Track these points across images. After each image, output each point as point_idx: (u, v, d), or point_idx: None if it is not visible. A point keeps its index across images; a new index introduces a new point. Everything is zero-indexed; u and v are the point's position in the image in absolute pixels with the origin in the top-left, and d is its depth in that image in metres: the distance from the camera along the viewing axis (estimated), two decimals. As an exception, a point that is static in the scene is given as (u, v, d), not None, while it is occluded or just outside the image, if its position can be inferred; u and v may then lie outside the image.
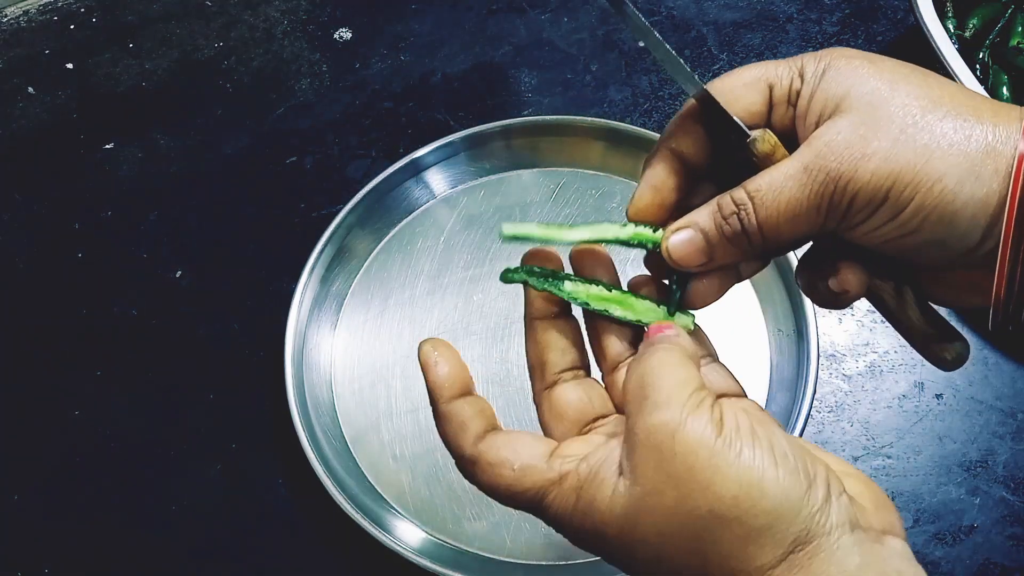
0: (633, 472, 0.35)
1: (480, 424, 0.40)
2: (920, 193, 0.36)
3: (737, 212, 0.39)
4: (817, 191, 0.37)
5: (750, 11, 0.84)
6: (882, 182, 0.36)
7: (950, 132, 0.36)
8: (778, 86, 0.40)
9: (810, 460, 0.35)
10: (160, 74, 0.83)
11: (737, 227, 0.39)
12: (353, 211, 0.70)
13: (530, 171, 0.74)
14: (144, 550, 0.64)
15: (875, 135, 0.36)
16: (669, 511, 0.34)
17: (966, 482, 0.62)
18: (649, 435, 0.35)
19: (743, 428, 0.35)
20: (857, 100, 0.37)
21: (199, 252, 0.74)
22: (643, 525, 0.35)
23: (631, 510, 0.35)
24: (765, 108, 0.40)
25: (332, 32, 0.85)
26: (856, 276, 0.40)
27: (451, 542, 0.61)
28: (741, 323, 0.67)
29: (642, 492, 0.35)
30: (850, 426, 0.64)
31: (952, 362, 0.43)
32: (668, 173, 0.41)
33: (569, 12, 0.84)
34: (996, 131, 0.36)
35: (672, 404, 0.35)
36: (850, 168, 0.36)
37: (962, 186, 0.35)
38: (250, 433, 0.67)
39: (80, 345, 0.71)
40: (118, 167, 0.79)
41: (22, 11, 0.88)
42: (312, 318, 0.68)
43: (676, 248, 0.41)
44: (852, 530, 0.34)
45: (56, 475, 0.66)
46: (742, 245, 0.40)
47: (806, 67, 0.39)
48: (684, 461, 0.34)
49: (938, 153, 0.35)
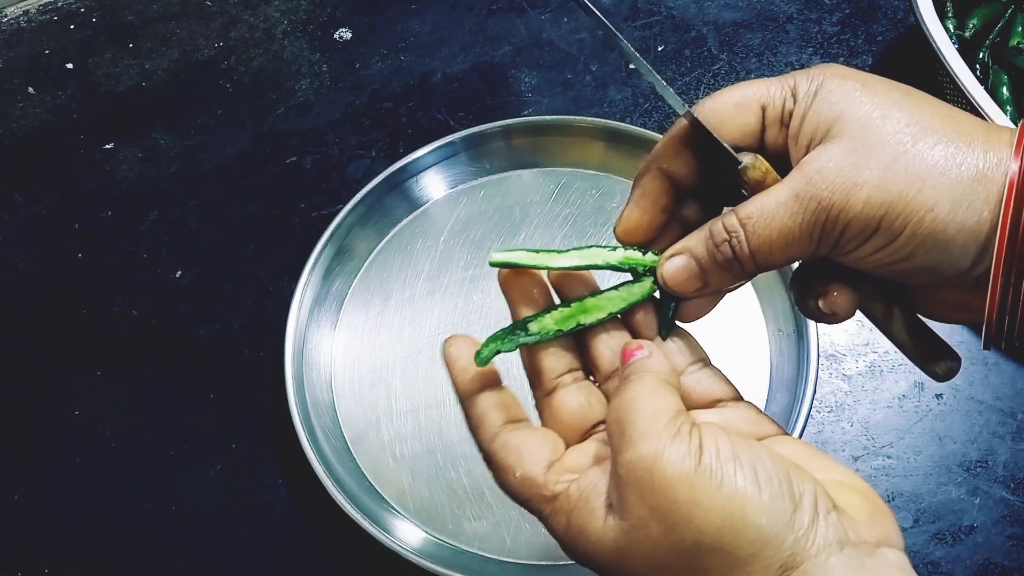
0: (620, 506, 0.36)
1: (498, 418, 0.41)
2: (912, 222, 0.36)
3: (729, 239, 0.39)
4: (809, 220, 0.37)
5: (750, 11, 0.84)
6: (874, 211, 0.36)
7: (941, 160, 0.36)
8: (771, 107, 0.40)
9: (796, 479, 0.35)
10: (160, 74, 0.83)
11: (729, 254, 0.39)
12: (353, 211, 0.70)
13: (530, 171, 0.74)
14: (144, 550, 0.64)
15: (867, 163, 0.36)
16: (656, 544, 0.35)
17: (966, 482, 0.62)
18: (629, 471, 0.35)
19: (723, 454, 0.35)
20: (849, 125, 0.37)
21: (199, 252, 0.74)
22: (633, 557, 0.35)
23: (620, 543, 0.36)
24: (758, 128, 0.40)
25: (332, 32, 0.85)
26: (845, 299, 0.41)
27: (451, 542, 0.61)
28: (741, 323, 0.67)
29: (630, 526, 0.35)
30: (850, 426, 0.64)
31: (942, 376, 0.43)
32: (657, 193, 0.42)
33: (569, 12, 0.84)
34: (987, 156, 0.36)
35: (648, 438, 0.35)
36: (842, 197, 0.36)
37: (954, 214, 0.35)
38: (250, 433, 0.67)
39: (80, 345, 0.71)
40: (118, 167, 0.79)
41: (22, 11, 0.88)
42: (312, 318, 0.68)
43: (671, 276, 0.41)
44: (841, 548, 0.34)
45: (56, 475, 0.66)
46: (735, 271, 0.40)
47: (799, 87, 0.39)
48: (664, 495, 0.34)
49: (930, 181, 0.36)
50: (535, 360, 0.42)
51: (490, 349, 0.41)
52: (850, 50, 0.81)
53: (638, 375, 0.38)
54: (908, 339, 0.43)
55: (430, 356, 0.67)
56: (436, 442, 0.64)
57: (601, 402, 0.42)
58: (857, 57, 0.80)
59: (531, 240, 0.71)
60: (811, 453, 0.39)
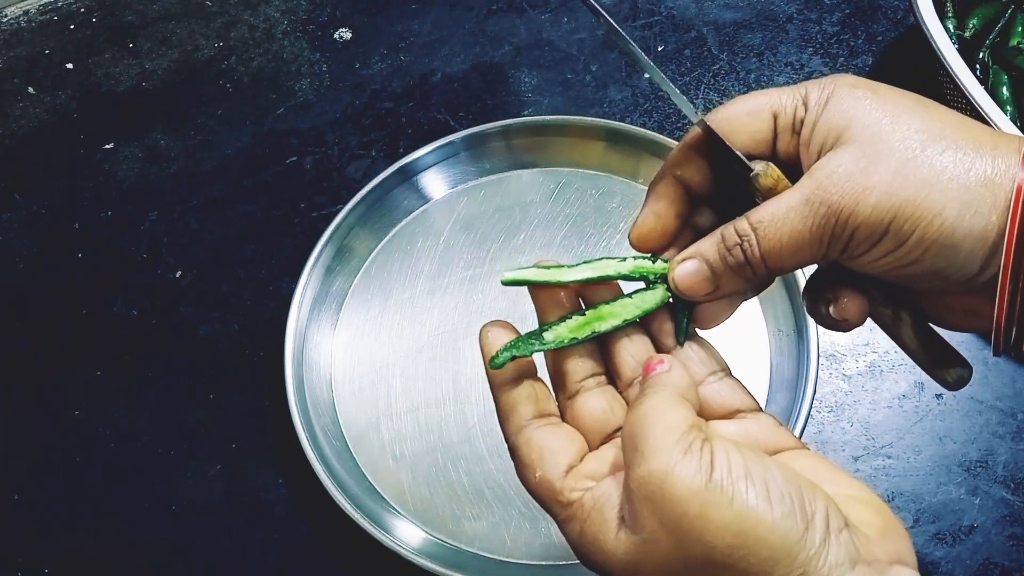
0: (632, 520, 0.36)
1: (528, 411, 0.41)
2: (920, 227, 0.36)
3: (740, 243, 0.40)
4: (819, 224, 0.38)
5: (750, 11, 0.84)
6: (883, 216, 0.37)
7: (950, 166, 0.36)
8: (782, 115, 0.40)
9: (808, 496, 0.35)
10: (160, 74, 0.83)
11: (740, 258, 0.40)
12: (353, 211, 0.70)
13: (530, 171, 0.74)
14: (144, 550, 0.64)
15: (876, 168, 0.37)
16: (668, 558, 0.35)
17: (966, 482, 0.62)
18: (640, 486, 0.35)
19: (735, 470, 0.35)
20: (859, 132, 0.38)
21: (199, 252, 0.74)
22: (644, 571, 0.36)
23: (632, 556, 0.36)
24: (770, 136, 0.41)
25: (332, 32, 0.85)
26: (855, 305, 0.41)
27: (451, 542, 0.61)
28: (741, 323, 0.67)
29: (641, 540, 0.35)
30: (850, 426, 0.64)
31: (953, 384, 0.44)
32: (672, 200, 0.42)
33: (569, 12, 0.84)
34: (995, 163, 0.36)
35: (659, 453, 0.35)
36: (851, 202, 0.37)
37: (961, 219, 0.36)
38: (250, 433, 0.67)
39: (80, 345, 0.71)
40: (118, 167, 0.79)
41: (22, 11, 0.88)
42: (312, 318, 0.68)
43: (683, 279, 0.41)
44: (853, 567, 0.34)
45: (56, 475, 0.66)
46: (746, 275, 0.40)
47: (810, 95, 0.40)
48: (675, 511, 0.34)
49: (938, 187, 0.36)
50: (559, 363, 0.42)
51: (505, 356, 0.41)
52: (850, 50, 0.81)
53: (654, 389, 0.38)
54: (918, 346, 0.43)
55: (430, 356, 0.67)
56: (436, 442, 0.64)
57: (623, 407, 0.42)
58: (857, 57, 0.80)
59: (531, 240, 0.71)
60: (827, 467, 0.39)
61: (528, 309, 0.41)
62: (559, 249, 0.70)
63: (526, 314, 0.67)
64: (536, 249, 0.70)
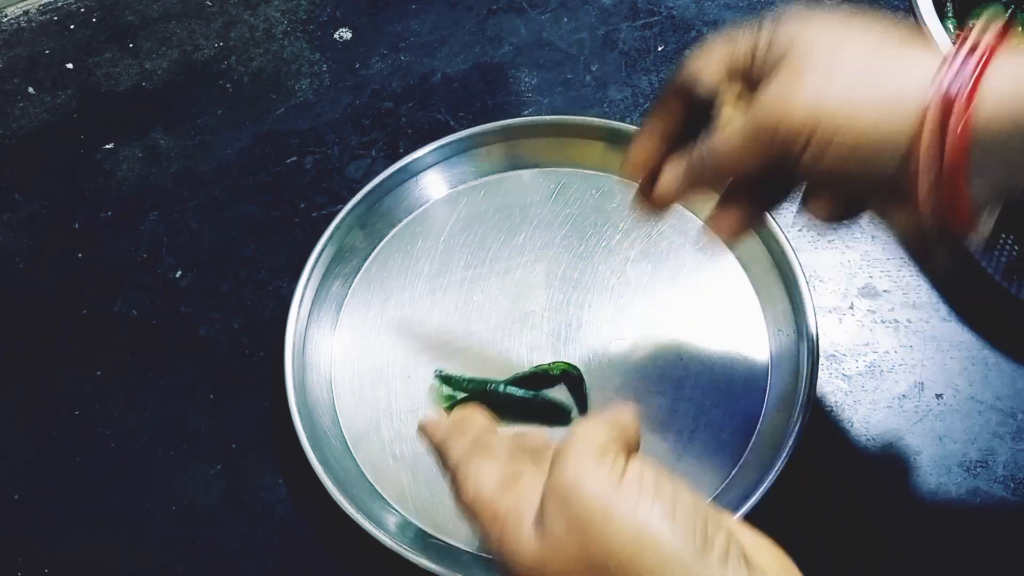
0: (542, 520, 0.37)
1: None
2: (839, 135, 0.41)
3: (703, 158, 0.47)
4: (754, 136, 0.44)
5: (750, 11, 0.84)
6: (805, 127, 0.41)
7: (870, 77, 0.41)
8: (742, 56, 0.46)
9: (713, 523, 0.36)
10: (160, 74, 0.83)
11: (700, 167, 0.48)
12: (353, 211, 0.70)
13: (530, 171, 0.74)
14: (144, 550, 0.64)
15: (801, 86, 0.42)
16: (573, 559, 0.36)
17: (966, 482, 0.62)
18: (556, 485, 0.37)
19: (646, 481, 0.36)
20: (792, 55, 0.43)
21: (199, 252, 0.74)
22: (550, 569, 0.37)
23: (540, 554, 0.37)
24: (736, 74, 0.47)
25: (332, 32, 0.85)
26: (819, 206, 0.47)
27: (451, 542, 0.61)
28: (741, 323, 0.67)
29: (551, 540, 0.37)
30: (850, 426, 0.64)
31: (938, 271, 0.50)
32: (658, 131, 0.50)
33: (569, 12, 0.84)
34: (910, 73, 0.41)
35: (577, 459, 0.37)
36: (777, 118, 0.42)
37: (876, 127, 0.40)
38: (250, 433, 0.67)
39: (80, 345, 0.71)
40: (118, 167, 0.79)
41: (22, 11, 0.88)
42: (312, 318, 0.68)
43: (664, 184, 0.50)
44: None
45: (56, 475, 0.66)
46: (707, 179, 0.48)
47: (763, 28, 0.45)
48: (581, 510, 0.36)
49: (856, 97, 0.41)
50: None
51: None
52: (850, 50, 0.81)
53: (588, 420, 0.42)
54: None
55: (430, 356, 0.67)
56: (436, 442, 0.64)
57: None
58: (857, 57, 0.80)
59: (531, 240, 0.71)
60: (737, 523, 0.39)
61: (528, 309, 0.41)
62: (559, 249, 0.70)
63: (526, 314, 0.68)
64: (536, 249, 0.70)
